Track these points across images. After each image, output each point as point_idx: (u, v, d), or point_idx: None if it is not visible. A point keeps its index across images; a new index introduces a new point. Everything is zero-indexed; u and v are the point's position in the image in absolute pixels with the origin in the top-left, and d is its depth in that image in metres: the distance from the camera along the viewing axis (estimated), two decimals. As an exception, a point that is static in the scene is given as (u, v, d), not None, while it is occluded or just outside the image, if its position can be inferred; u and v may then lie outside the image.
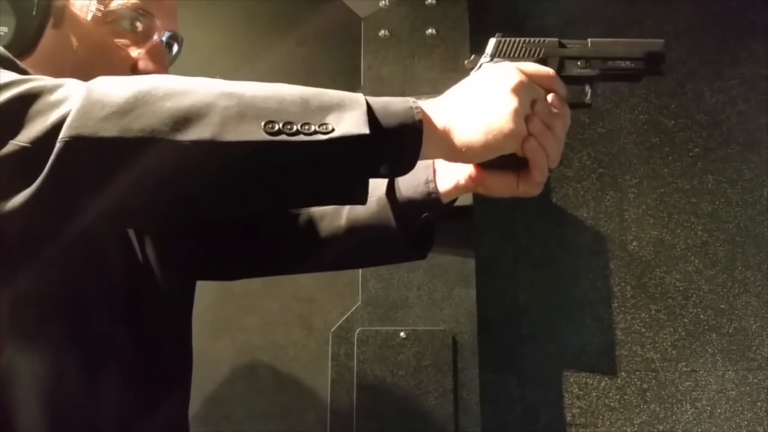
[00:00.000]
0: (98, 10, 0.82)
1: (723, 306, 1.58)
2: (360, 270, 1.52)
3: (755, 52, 1.69)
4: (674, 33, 1.70)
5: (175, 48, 0.92)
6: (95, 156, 0.57)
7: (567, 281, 1.61)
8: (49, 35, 0.80)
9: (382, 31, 1.58)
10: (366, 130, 0.60)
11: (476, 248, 1.54)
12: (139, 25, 0.85)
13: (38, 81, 0.61)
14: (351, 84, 1.57)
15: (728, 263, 1.60)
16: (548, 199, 1.66)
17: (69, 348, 0.74)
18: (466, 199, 1.48)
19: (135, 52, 0.84)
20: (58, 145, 0.56)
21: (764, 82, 1.68)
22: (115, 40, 0.83)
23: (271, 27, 1.73)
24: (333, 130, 0.59)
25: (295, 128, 0.59)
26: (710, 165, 1.65)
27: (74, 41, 0.82)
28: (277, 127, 0.59)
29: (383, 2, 1.59)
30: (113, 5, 0.83)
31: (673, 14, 1.71)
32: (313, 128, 0.59)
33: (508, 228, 1.65)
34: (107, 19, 0.82)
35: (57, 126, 0.56)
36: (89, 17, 0.82)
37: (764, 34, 1.70)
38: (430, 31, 1.58)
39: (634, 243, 1.62)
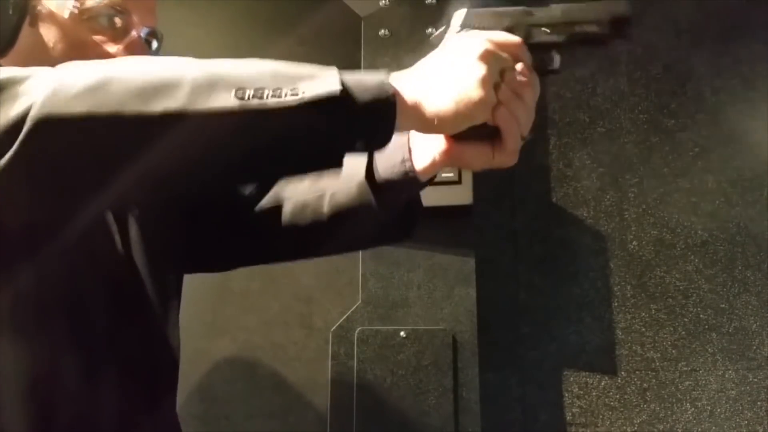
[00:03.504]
0: (75, 7, 0.82)
1: (723, 305, 1.58)
2: (360, 269, 1.52)
3: (755, 52, 1.69)
4: (674, 33, 1.70)
5: (155, 44, 0.92)
6: (66, 133, 0.57)
7: (567, 281, 1.61)
8: (25, 34, 0.80)
9: (382, 31, 1.58)
10: (337, 87, 0.60)
11: (476, 248, 1.54)
12: (117, 22, 0.85)
13: (8, 72, 0.61)
14: (351, 84, 1.57)
15: (728, 263, 1.59)
16: (548, 198, 1.66)
17: (67, 347, 0.74)
18: (465, 199, 1.48)
19: (113, 49, 0.84)
20: (27, 124, 0.56)
21: (764, 82, 1.68)
22: (93, 37, 0.83)
23: (271, 27, 1.73)
24: (304, 94, 0.59)
25: (266, 93, 0.59)
26: (710, 165, 1.65)
27: (51, 39, 0.82)
28: (248, 94, 0.59)
29: (383, 2, 1.59)
30: (90, 3, 0.83)
31: (673, 14, 1.71)
32: (284, 93, 0.59)
33: (508, 228, 1.65)
34: (84, 16, 0.83)
35: (25, 112, 0.57)
36: (66, 15, 0.82)
37: (764, 34, 1.70)
38: (430, 30, 1.58)
39: (634, 242, 1.62)
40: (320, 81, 0.61)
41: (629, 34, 0.77)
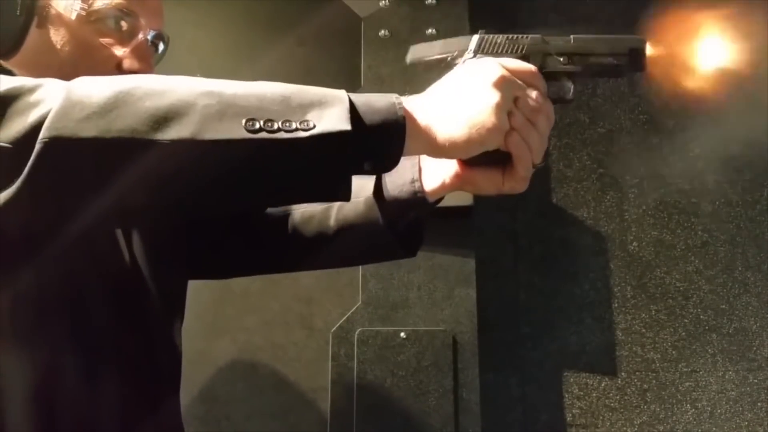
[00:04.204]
0: (82, 9, 0.82)
1: (723, 306, 1.58)
2: (360, 270, 1.52)
3: (755, 52, 1.69)
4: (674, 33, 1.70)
5: (161, 47, 0.91)
6: (75, 157, 0.57)
7: (567, 281, 1.61)
8: (33, 35, 0.80)
9: (382, 31, 1.58)
10: (347, 126, 0.60)
11: (476, 248, 1.54)
12: (124, 25, 0.84)
13: (17, 81, 0.61)
14: (351, 84, 1.57)
15: (728, 263, 1.60)
16: (548, 199, 1.66)
17: (68, 348, 0.74)
18: (466, 200, 1.48)
19: (120, 51, 0.84)
20: (37, 146, 0.56)
21: (764, 82, 1.67)
22: (100, 40, 0.83)
23: (271, 27, 1.73)
24: (314, 126, 0.59)
25: (276, 126, 0.59)
26: (710, 165, 1.65)
27: (59, 41, 0.81)
28: (257, 125, 0.59)
29: (383, 2, 1.59)
30: (97, 5, 0.82)
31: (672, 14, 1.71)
32: (294, 125, 0.59)
33: (509, 228, 1.65)
34: (91, 18, 0.82)
35: (36, 126, 0.57)
36: (73, 16, 0.81)
37: (764, 34, 1.70)
38: (430, 31, 1.58)
39: (634, 243, 1.62)
40: (330, 111, 0.61)
41: (644, 66, 0.77)
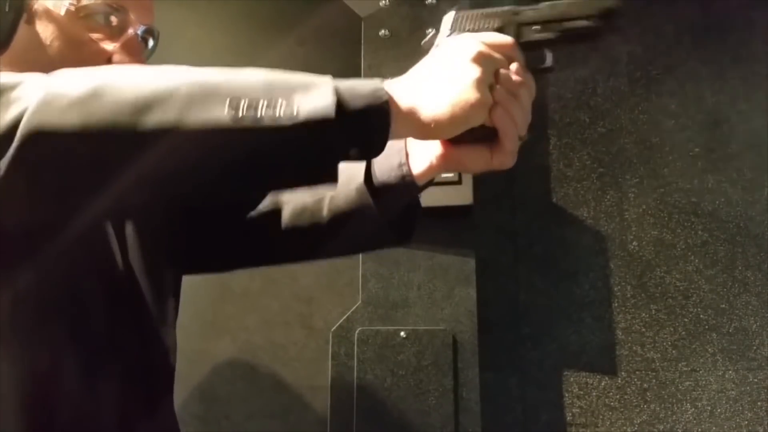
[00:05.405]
0: (71, 5, 0.82)
1: (723, 306, 1.58)
2: (360, 269, 1.52)
3: (755, 52, 1.69)
4: (674, 33, 1.70)
5: (151, 42, 0.91)
6: (57, 147, 0.57)
7: (567, 281, 1.61)
8: (22, 31, 0.80)
9: (382, 31, 1.58)
10: (332, 112, 0.59)
11: (476, 248, 1.54)
12: (114, 20, 0.84)
13: None
14: (351, 84, 1.57)
15: (728, 263, 1.59)
16: (548, 199, 1.66)
17: (67, 348, 0.74)
18: (466, 199, 1.48)
19: (109, 47, 0.84)
20: (18, 136, 0.56)
21: (764, 82, 1.67)
22: (90, 35, 0.83)
23: (271, 27, 1.73)
24: (298, 113, 0.59)
25: (261, 104, 0.59)
26: (710, 165, 1.65)
27: (48, 37, 0.81)
28: (242, 105, 0.59)
29: (383, 2, 1.59)
30: (86, 0, 0.82)
31: (673, 14, 1.71)
32: (278, 112, 0.59)
33: (508, 228, 1.65)
34: (80, 14, 0.82)
35: (17, 120, 0.56)
36: (62, 12, 0.81)
37: (764, 34, 1.70)
38: (430, 31, 1.57)
39: (634, 243, 1.62)
40: (315, 95, 0.60)
41: (620, 27, 0.77)
